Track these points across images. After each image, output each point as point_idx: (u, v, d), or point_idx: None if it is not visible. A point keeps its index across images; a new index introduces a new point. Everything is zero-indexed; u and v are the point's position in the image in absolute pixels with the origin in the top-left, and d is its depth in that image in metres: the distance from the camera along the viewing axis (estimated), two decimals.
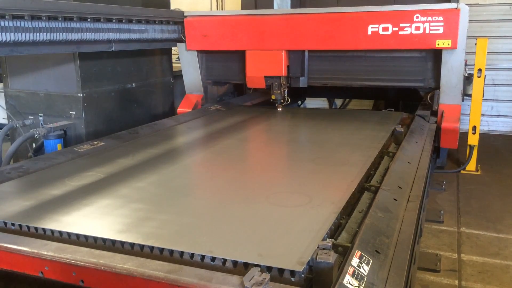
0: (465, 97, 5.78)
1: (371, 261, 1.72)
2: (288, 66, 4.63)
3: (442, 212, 4.53)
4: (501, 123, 8.54)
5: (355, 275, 1.59)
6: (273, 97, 4.72)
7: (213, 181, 2.68)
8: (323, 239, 1.87)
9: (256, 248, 1.77)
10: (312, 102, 8.26)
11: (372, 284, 1.60)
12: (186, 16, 5.01)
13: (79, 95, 4.90)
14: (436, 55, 4.14)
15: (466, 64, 6.91)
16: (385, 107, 6.66)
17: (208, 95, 5.31)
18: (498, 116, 8.52)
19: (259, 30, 4.54)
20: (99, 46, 4.30)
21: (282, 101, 4.77)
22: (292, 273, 1.61)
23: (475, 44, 6.03)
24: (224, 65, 5.07)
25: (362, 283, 1.58)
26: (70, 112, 4.99)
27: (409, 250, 1.88)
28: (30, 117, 5.25)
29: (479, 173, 6.02)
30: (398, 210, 2.25)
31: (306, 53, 4.69)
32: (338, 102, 8.15)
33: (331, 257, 1.65)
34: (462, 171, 6.06)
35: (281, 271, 1.62)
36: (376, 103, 7.94)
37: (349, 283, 1.54)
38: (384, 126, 3.97)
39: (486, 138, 7.87)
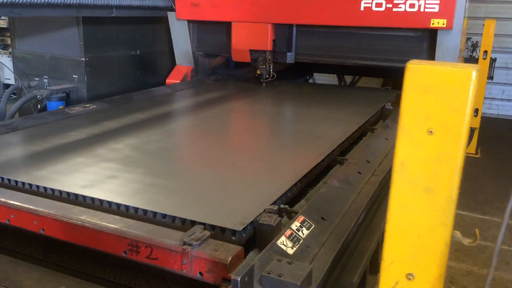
0: None
1: (313, 226, 1.80)
2: (274, 40, 4.49)
3: None
4: (511, 108, 8.42)
5: (291, 237, 1.68)
6: (258, 72, 4.60)
7: (187, 147, 2.78)
8: (277, 205, 1.96)
9: (207, 209, 1.86)
10: (322, 78, 8.23)
11: (307, 246, 1.68)
12: None
13: (81, 59, 5.00)
14: (432, 35, 4.07)
15: (477, 46, 6.78)
16: (393, 86, 6.58)
17: (199, 67, 5.24)
18: (509, 100, 8.39)
19: (246, 0, 4.44)
20: (99, 11, 4.38)
21: (267, 76, 4.62)
22: (234, 232, 1.70)
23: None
24: (216, 37, 4.96)
25: (297, 245, 1.66)
26: (73, 76, 5.10)
27: (355, 219, 1.95)
28: (35, 78, 5.40)
29: (478, 156, 6.01)
30: (358, 183, 2.31)
31: (294, 28, 4.57)
32: (349, 78, 8.09)
33: (273, 220, 1.74)
34: None
35: (223, 230, 1.71)
36: (385, 81, 7.87)
37: (283, 244, 1.63)
38: (375, 103, 3.99)
39: (494, 122, 7.79)
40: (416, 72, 0.95)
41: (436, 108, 0.95)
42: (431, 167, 0.98)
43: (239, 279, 1.19)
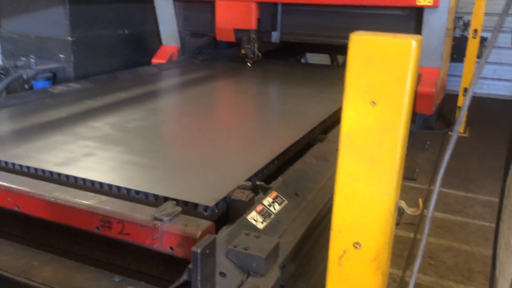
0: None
1: (285, 201, 1.82)
2: (258, 19, 4.42)
3: (417, 170, 4.60)
4: (502, 87, 8.43)
5: (262, 213, 1.69)
6: (243, 51, 4.53)
7: (168, 125, 2.78)
8: (252, 182, 1.97)
9: (181, 185, 1.88)
10: (316, 58, 8.16)
11: (278, 221, 1.70)
12: None
13: (68, 38, 4.96)
14: (419, 14, 4.04)
15: (469, 25, 6.74)
16: None
17: (186, 47, 5.19)
18: (500, 80, 8.39)
19: None
20: None
21: (252, 56, 4.54)
22: (206, 208, 1.71)
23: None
24: (201, 16, 4.87)
25: (268, 220, 1.68)
26: (60, 55, 5.07)
27: (330, 194, 1.96)
28: (22, 58, 5.35)
29: (466, 135, 6.03)
30: (335, 160, 2.32)
31: (279, 6, 4.51)
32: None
33: (245, 196, 1.76)
34: (449, 132, 6.07)
35: (195, 205, 1.73)
36: None
37: (253, 219, 1.65)
38: None
39: (485, 102, 7.80)
40: (359, 43, 0.95)
41: (378, 79, 0.96)
42: (375, 138, 0.99)
43: (199, 251, 1.21)
